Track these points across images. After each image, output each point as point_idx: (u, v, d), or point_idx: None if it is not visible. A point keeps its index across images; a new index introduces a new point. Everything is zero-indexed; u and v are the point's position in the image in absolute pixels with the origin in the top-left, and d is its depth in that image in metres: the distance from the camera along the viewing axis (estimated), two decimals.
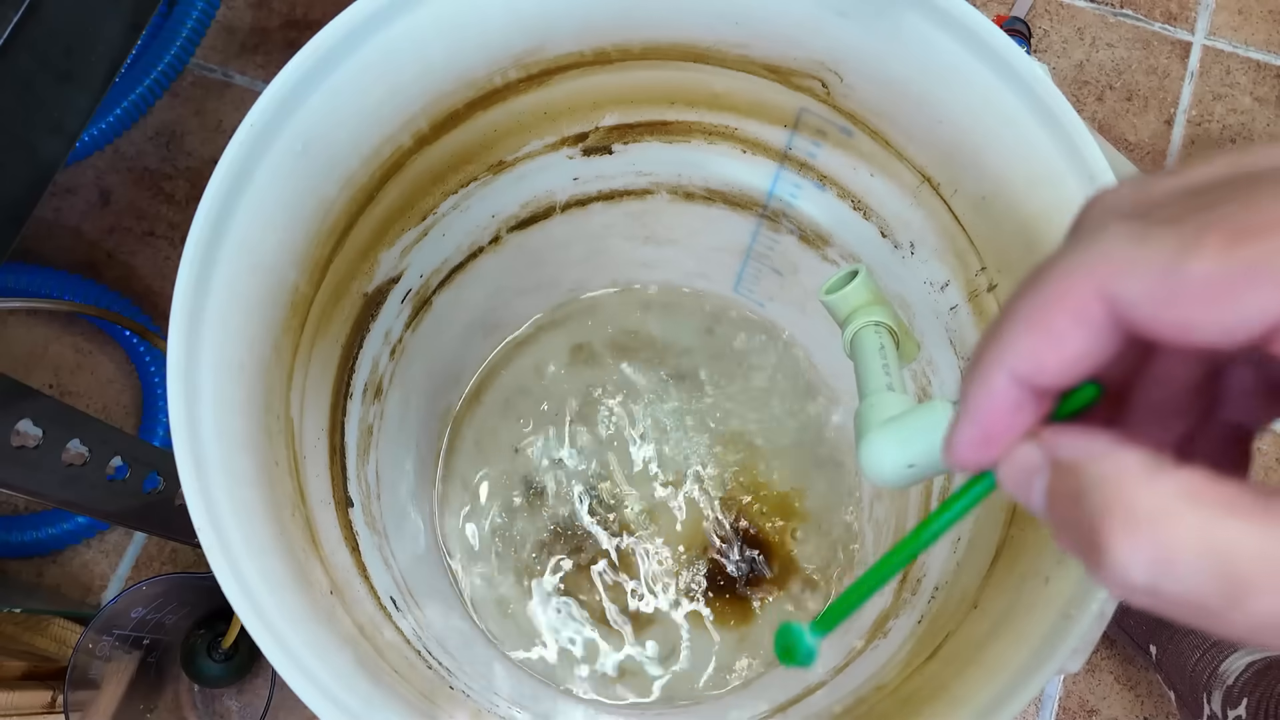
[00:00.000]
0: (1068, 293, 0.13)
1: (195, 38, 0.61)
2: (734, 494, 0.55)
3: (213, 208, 0.31)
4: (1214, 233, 0.11)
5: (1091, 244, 0.13)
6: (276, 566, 0.31)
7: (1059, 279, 0.13)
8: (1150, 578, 0.12)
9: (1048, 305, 0.13)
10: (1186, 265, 0.11)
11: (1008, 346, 0.13)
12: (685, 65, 0.40)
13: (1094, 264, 0.12)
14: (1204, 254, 0.11)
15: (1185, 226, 0.12)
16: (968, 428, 0.15)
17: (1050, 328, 0.13)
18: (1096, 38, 0.73)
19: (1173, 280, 0.12)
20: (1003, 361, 0.14)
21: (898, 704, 0.34)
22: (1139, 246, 0.12)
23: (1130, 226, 0.12)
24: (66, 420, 0.39)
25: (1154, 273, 0.12)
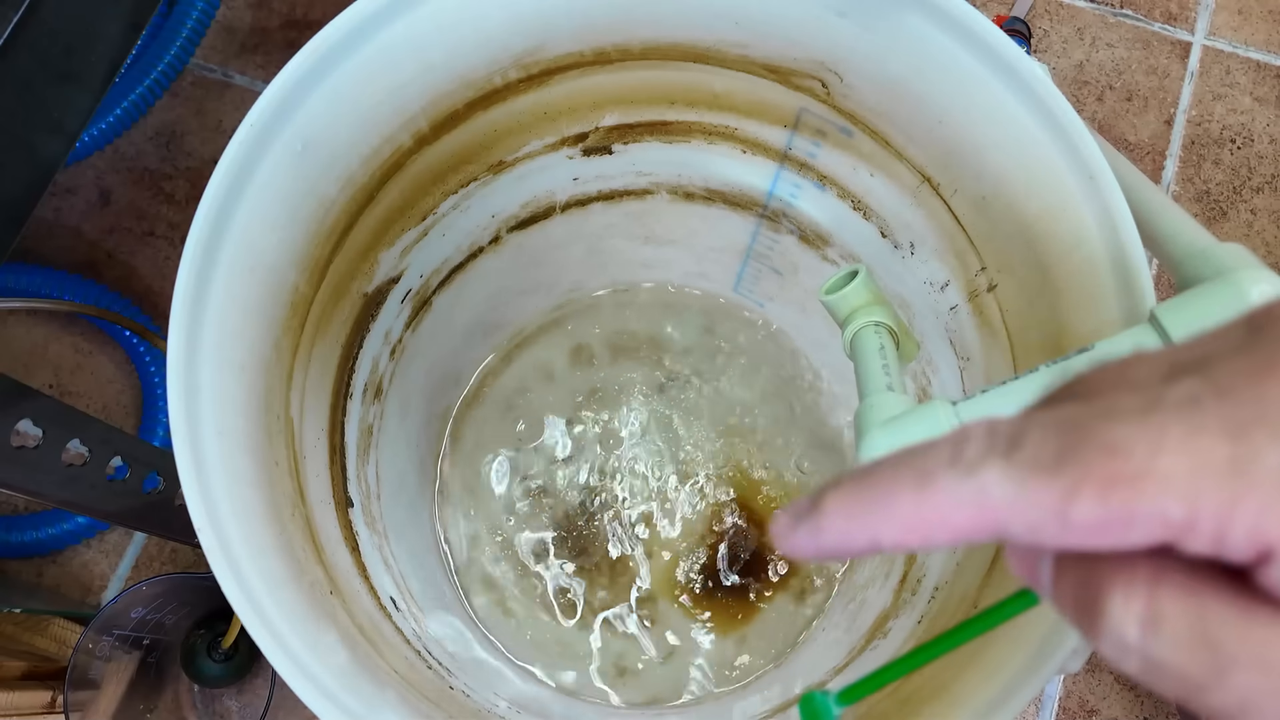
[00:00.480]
0: (954, 519, 0.14)
1: (195, 38, 0.61)
2: (734, 494, 0.55)
3: (212, 208, 0.31)
4: (1089, 485, 0.13)
5: (974, 473, 0.14)
6: (276, 566, 0.31)
7: (946, 502, 0.14)
8: (1141, 636, 0.13)
9: (931, 521, 0.14)
10: (1070, 514, 0.13)
11: (884, 527, 0.15)
12: (685, 65, 0.40)
13: (980, 499, 0.14)
14: (1084, 505, 0.13)
15: (1060, 479, 0.13)
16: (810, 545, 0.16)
17: (928, 536, 0.14)
18: (1096, 38, 0.73)
19: (1060, 523, 0.13)
20: (874, 532, 0.15)
21: (897, 704, 0.34)
22: (1019, 490, 0.13)
23: (1008, 469, 0.13)
24: (66, 420, 0.39)
25: (1041, 517, 0.13)
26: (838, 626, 0.50)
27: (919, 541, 0.15)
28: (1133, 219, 0.30)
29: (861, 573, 0.52)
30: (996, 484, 0.13)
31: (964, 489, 0.14)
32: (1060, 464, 0.13)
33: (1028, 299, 0.35)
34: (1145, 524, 0.13)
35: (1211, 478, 0.12)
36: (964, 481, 0.14)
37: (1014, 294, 0.36)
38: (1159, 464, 0.12)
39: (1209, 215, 0.69)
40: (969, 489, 0.14)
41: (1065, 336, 0.32)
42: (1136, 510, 0.12)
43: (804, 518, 0.16)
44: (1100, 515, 0.13)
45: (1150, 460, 0.12)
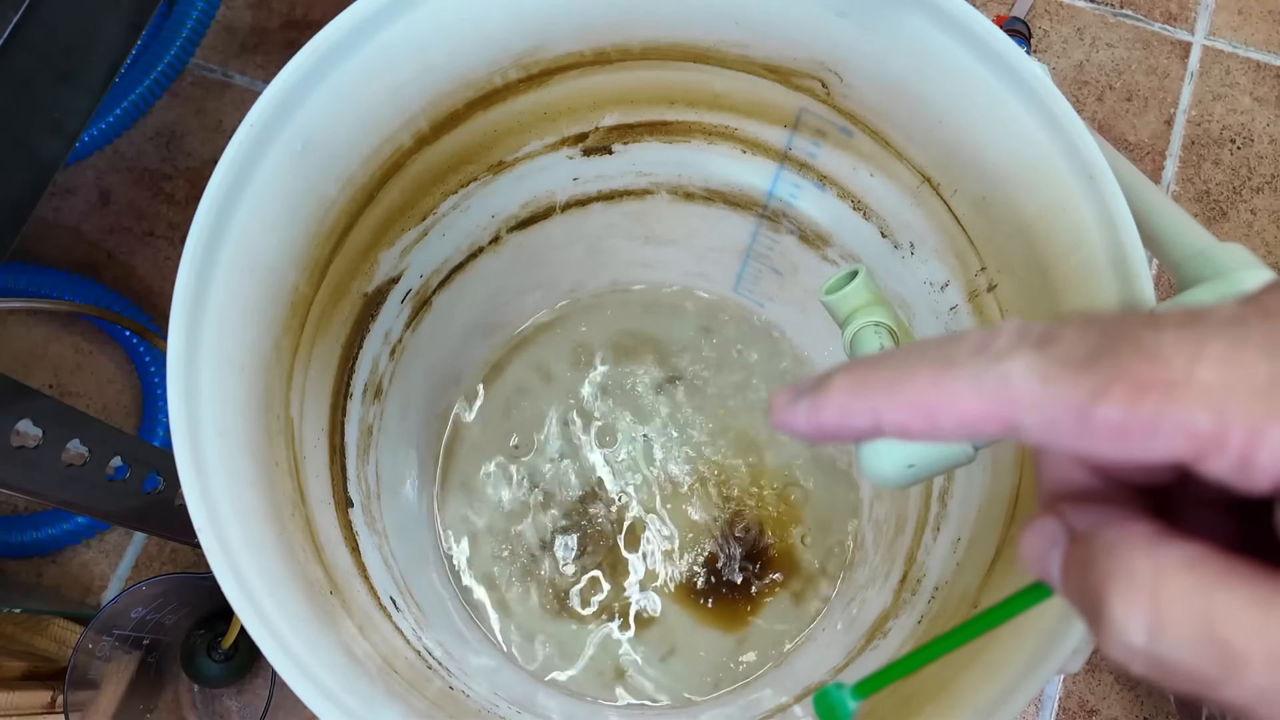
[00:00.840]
0: (967, 404, 0.14)
1: (195, 38, 0.61)
2: (734, 493, 0.55)
3: (212, 208, 0.31)
4: (1119, 386, 0.12)
5: (1000, 363, 0.13)
6: (276, 567, 0.31)
7: (964, 387, 0.14)
8: (1147, 641, 0.13)
9: (942, 403, 0.14)
10: (1094, 414, 0.12)
11: (889, 406, 0.14)
12: (685, 65, 0.40)
13: (1001, 388, 0.13)
14: (1111, 407, 0.12)
15: (1092, 376, 0.13)
16: (807, 421, 0.15)
17: (935, 420, 0.14)
18: (1096, 38, 0.73)
19: (1081, 423, 0.13)
20: (877, 411, 0.14)
21: (897, 704, 0.34)
22: (1046, 384, 0.13)
23: (1037, 362, 0.13)
24: (66, 420, 0.39)
25: (1062, 414, 0.13)
26: (837, 627, 0.50)
27: (922, 425, 0.14)
28: (1133, 219, 0.30)
29: (861, 573, 0.52)
30: (1022, 374, 0.13)
31: (986, 375, 0.13)
32: (1093, 362, 0.13)
33: (1028, 299, 0.35)
34: (1169, 435, 0.12)
35: (1247, 393, 0.12)
36: (988, 368, 0.13)
37: (1014, 294, 0.36)
38: (1196, 373, 0.12)
39: (1209, 215, 0.69)
40: (991, 375, 0.13)
41: None
42: (1164, 418, 0.12)
43: (806, 392, 0.15)
44: (1125, 419, 0.12)
45: (1188, 368, 0.12)
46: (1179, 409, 0.12)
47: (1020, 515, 0.35)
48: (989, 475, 0.39)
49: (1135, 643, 0.13)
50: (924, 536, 0.45)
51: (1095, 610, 0.13)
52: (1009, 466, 0.37)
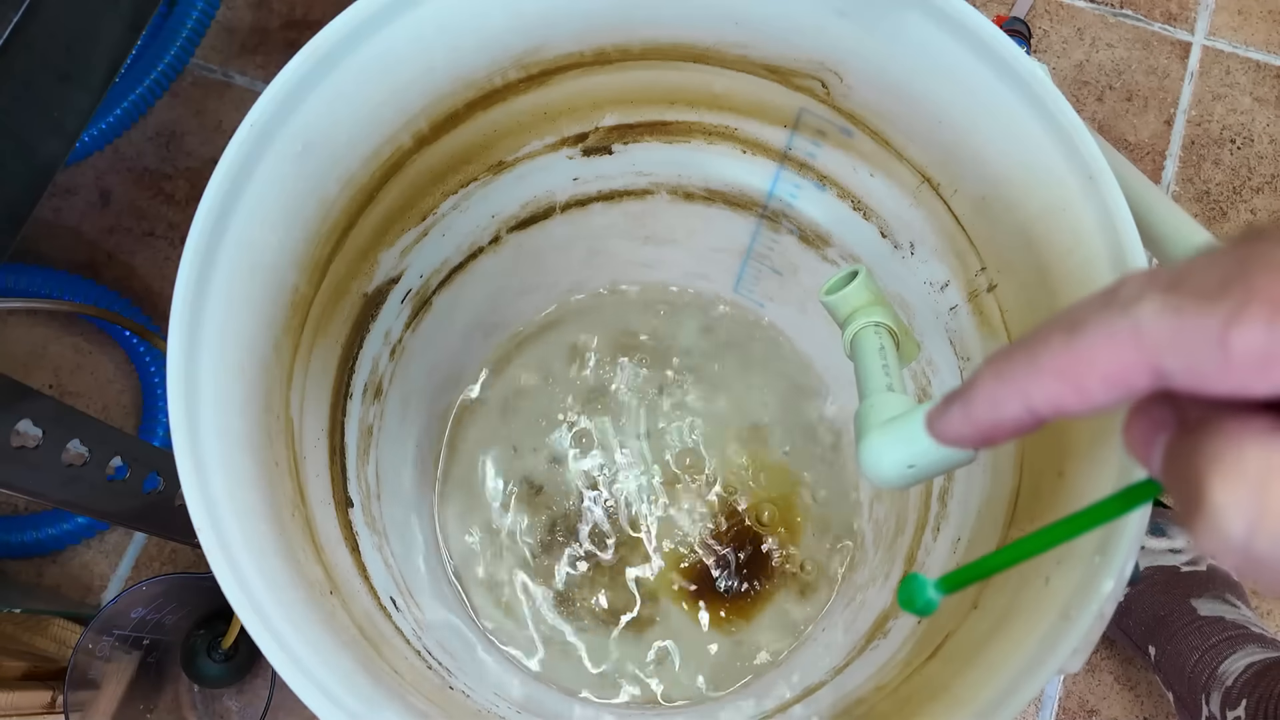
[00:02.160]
0: (1107, 360, 0.13)
1: (195, 38, 0.61)
2: (733, 493, 0.55)
3: (212, 208, 0.31)
4: (1255, 306, 0.11)
5: (1129, 310, 0.13)
6: (276, 567, 0.31)
7: (1099, 341, 0.13)
8: (1245, 532, 0.12)
9: (1081, 364, 0.13)
10: (1232, 340, 0.12)
11: (1033, 382, 0.14)
12: (685, 65, 0.40)
13: (1135, 335, 0.13)
14: (1249, 329, 0.11)
15: (1225, 301, 0.12)
16: (963, 423, 0.15)
17: (1081, 384, 0.13)
18: (1096, 38, 0.73)
19: (1221, 354, 0.12)
20: (1024, 392, 0.14)
21: (898, 704, 0.34)
22: (1179, 319, 0.12)
23: (1167, 299, 0.12)
24: (66, 420, 0.39)
25: (1201, 348, 0.12)
26: (837, 627, 0.50)
27: (1073, 395, 0.13)
28: (1133, 219, 0.30)
29: (861, 573, 0.52)
30: (1154, 316, 0.12)
31: (1119, 325, 0.13)
32: (1225, 288, 0.12)
33: (1028, 299, 0.35)
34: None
35: None
36: (1119, 318, 0.13)
37: (1014, 294, 0.36)
38: None
39: (1209, 215, 0.69)
40: (1124, 325, 0.13)
41: None
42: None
43: (956, 396, 0.15)
44: (1265, 343, 0.11)
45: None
46: None
47: (1020, 515, 0.35)
48: (989, 476, 0.39)
49: (1234, 534, 0.12)
50: (924, 536, 0.45)
51: (1195, 498, 0.12)
52: (1009, 467, 0.37)
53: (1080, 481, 0.30)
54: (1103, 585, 0.27)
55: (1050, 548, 0.17)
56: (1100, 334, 0.13)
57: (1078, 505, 0.29)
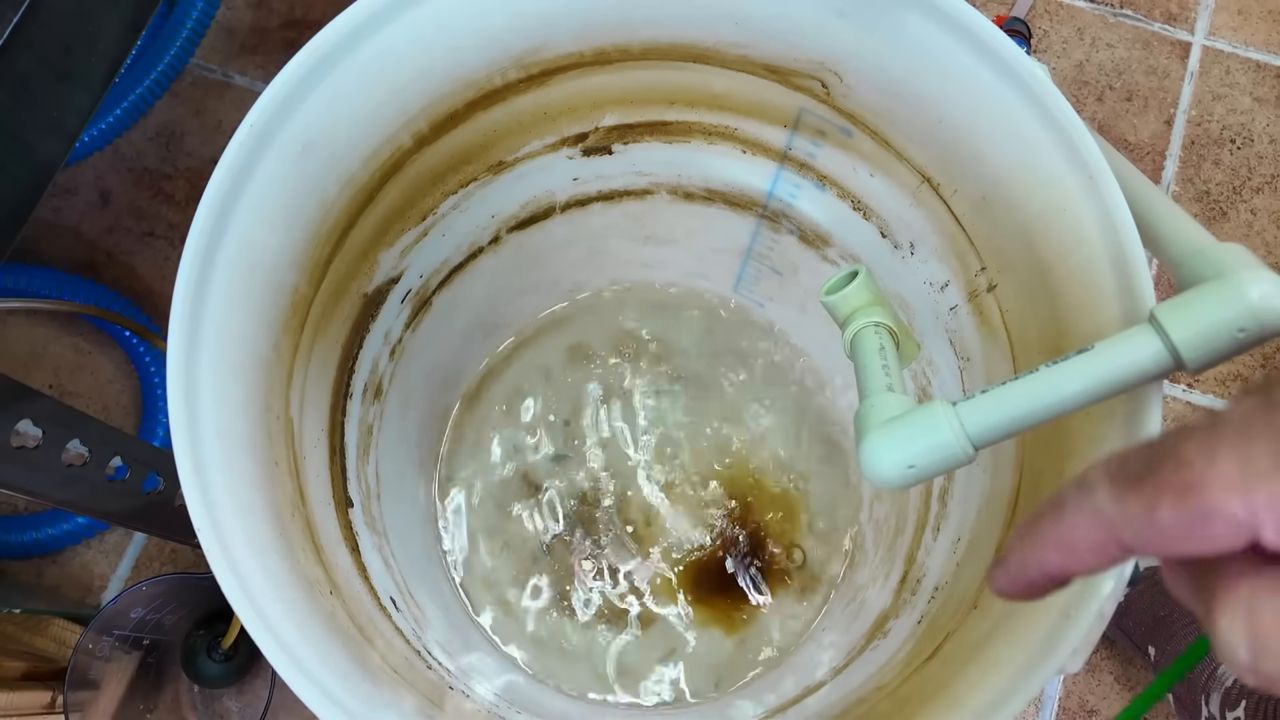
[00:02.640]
0: (1084, 536, 0.16)
1: (195, 38, 0.61)
2: (734, 494, 0.55)
3: (212, 208, 0.31)
4: (1166, 494, 0.15)
5: (1090, 496, 0.16)
6: (276, 567, 0.31)
7: (1076, 522, 0.16)
8: (1249, 657, 0.14)
9: (1069, 540, 0.17)
10: (1156, 520, 0.15)
11: (1043, 554, 0.17)
12: (685, 65, 0.40)
13: (1096, 517, 0.16)
14: (1164, 511, 0.15)
15: (1145, 491, 0.15)
16: (1008, 581, 0.19)
17: (1075, 554, 0.17)
18: (1096, 38, 0.73)
19: (1153, 529, 0.15)
20: (1039, 561, 0.18)
21: (897, 704, 0.34)
22: (1120, 506, 0.16)
23: (1111, 488, 0.16)
24: (66, 420, 0.39)
25: (1140, 525, 0.15)
26: (837, 627, 0.50)
27: (1074, 562, 0.17)
28: (1132, 219, 0.30)
29: (862, 573, 0.52)
30: (1105, 499, 0.16)
31: (1085, 509, 0.16)
32: (1144, 477, 0.15)
33: (1028, 299, 0.35)
34: (1220, 524, 0.14)
35: (1260, 476, 0.14)
36: (1085, 502, 0.16)
37: (1014, 294, 0.36)
38: (1215, 468, 0.14)
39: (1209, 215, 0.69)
40: (1089, 509, 0.16)
41: (1065, 336, 0.32)
42: (1205, 511, 0.14)
43: (998, 560, 0.19)
44: (1179, 519, 0.14)
45: (1208, 467, 0.14)
46: (1211, 500, 0.14)
47: (1019, 515, 0.35)
48: (989, 476, 0.39)
49: (1240, 658, 0.14)
50: (924, 537, 0.45)
51: (1209, 629, 0.15)
52: (1009, 467, 0.37)
53: None
54: (1103, 585, 0.27)
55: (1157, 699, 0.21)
56: (1075, 517, 0.16)
57: None
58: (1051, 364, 0.26)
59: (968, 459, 0.27)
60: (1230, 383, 0.65)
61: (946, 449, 0.27)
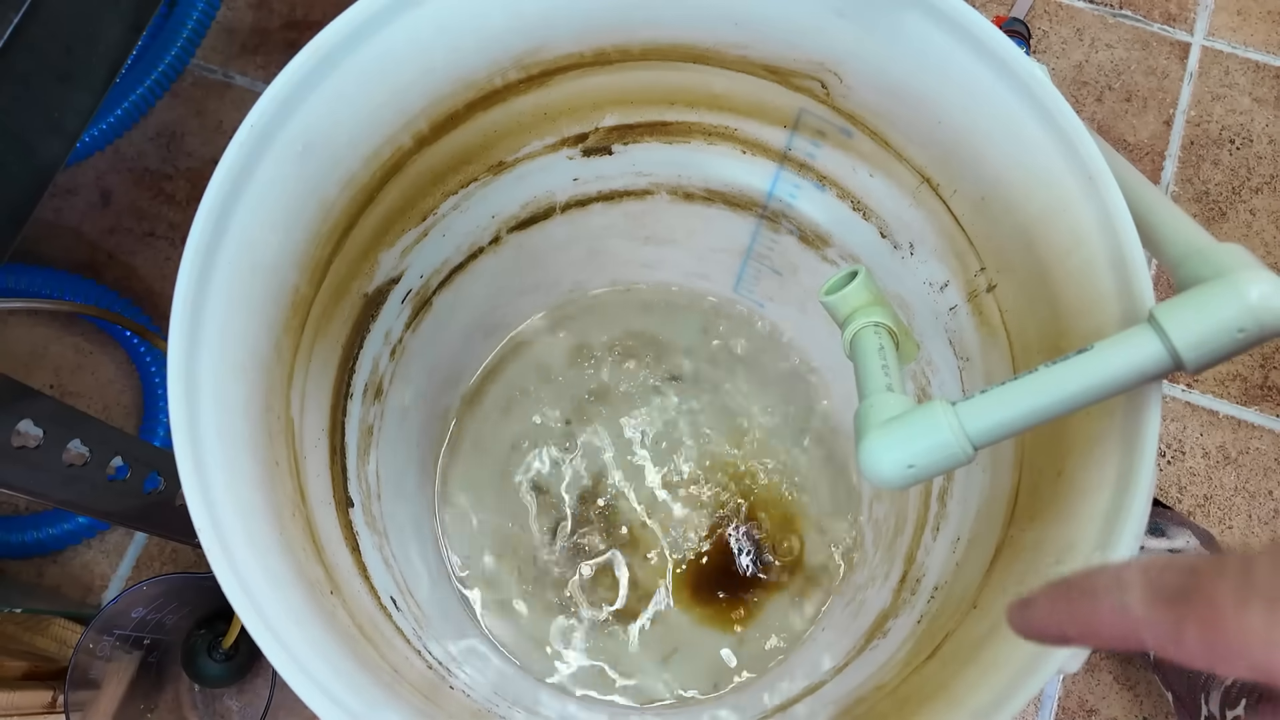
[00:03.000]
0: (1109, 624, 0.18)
1: (196, 38, 0.61)
2: (734, 494, 0.55)
3: (213, 208, 0.31)
4: (1193, 621, 0.16)
5: (1124, 593, 0.18)
6: (277, 566, 0.31)
7: (1103, 610, 0.18)
8: None
9: (1094, 623, 0.18)
10: (1181, 639, 0.16)
11: (1066, 627, 0.19)
12: (685, 66, 0.40)
13: (1124, 613, 0.18)
14: (1189, 636, 0.16)
15: (1175, 610, 0.17)
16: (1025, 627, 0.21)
17: (1097, 636, 0.19)
18: (1096, 38, 0.73)
19: (1177, 646, 0.17)
20: (1061, 630, 0.19)
21: (897, 704, 0.34)
22: (1150, 612, 0.17)
23: (1145, 594, 0.17)
24: (67, 420, 0.39)
25: (1164, 636, 0.17)
26: (837, 627, 0.50)
27: (1092, 638, 0.19)
28: (1132, 219, 0.30)
29: (861, 572, 0.52)
30: (1137, 604, 0.17)
31: (1115, 603, 0.18)
32: (1179, 599, 0.17)
33: (1027, 299, 0.35)
34: (1236, 660, 0.16)
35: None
36: (1116, 597, 0.18)
37: (1013, 294, 0.36)
38: (1244, 620, 0.16)
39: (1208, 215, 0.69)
40: (1118, 604, 0.18)
41: (1065, 337, 0.32)
42: (1226, 649, 0.16)
43: (1023, 604, 0.21)
44: (1201, 645, 0.16)
45: (1239, 615, 0.16)
46: (1236, 643, 0.16)
47: (1020, 514, 0.35)
48: (988, 475, 0.39)
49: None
50: (923, 536, 0.45)
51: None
52: (1008, 467, 0.37)
53: (1079, 481, 0.30)
54: None
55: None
56: (1105, 607, 0.18)
57: (1077, 504, 0.30)
58: (1051, 364, 0.26)
59: (967, 459, 0.27)
60: (1230, 383, 0.65)
61: (946, 449, 0.27)
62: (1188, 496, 0.63)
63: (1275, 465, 0.63)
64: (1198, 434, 0.63)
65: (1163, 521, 0.58)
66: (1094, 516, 0.28)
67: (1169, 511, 0.60)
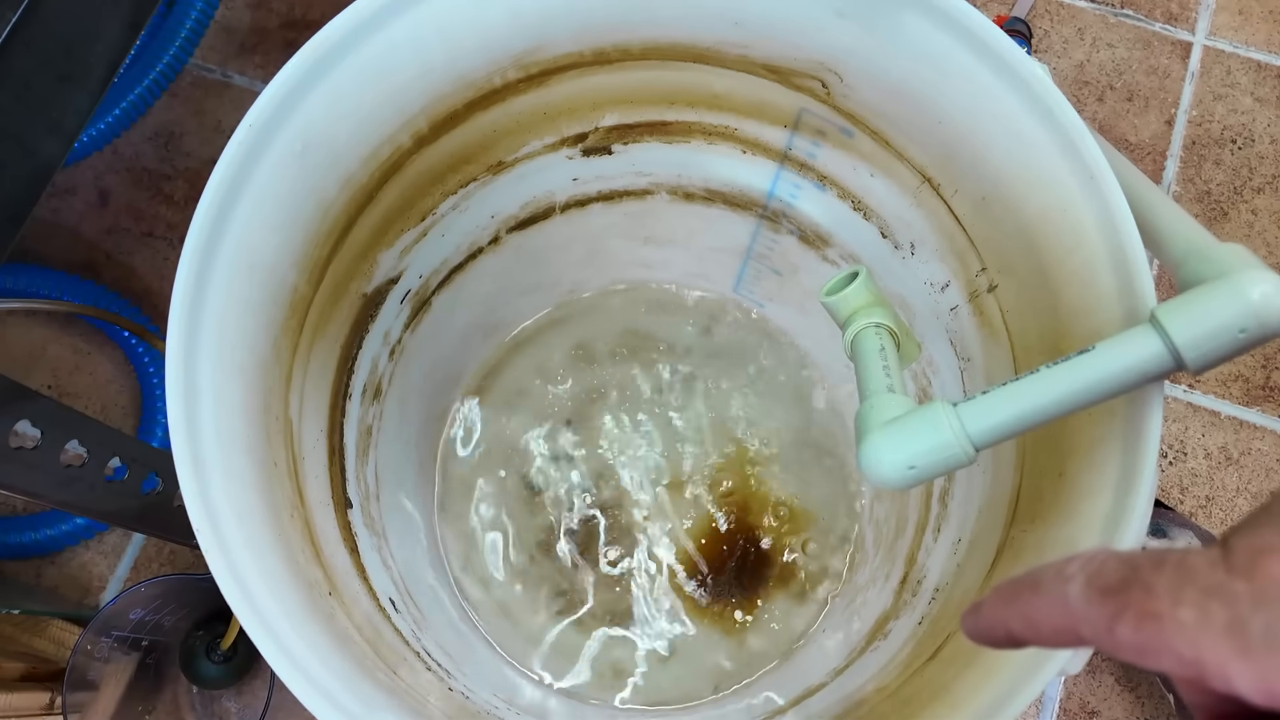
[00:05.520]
0: (1048, 618, 0.18)
1: (194, 38, 0.61)
2: (734, 494, 0.55)
3: (211, 208, 0.31)
4: (1128, 612, 0.16)
5: (1065, 586, 0.18)
6: (275, 568, 0.31)
7: (1044, 603, 0.18)
8: None
9: (1035, 616, 0.18)
10: (1115, 632, 0.16)
11: (1010, 623, 0.19)
12: (685, 65, 0.40)
13: (1064, 606, 0.17)
14: (1123, 628, 0.16)
15: (1111, 602, 0.16)
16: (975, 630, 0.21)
17: (1038, 631, 0.18)
18: (1097, 38, 0.73)
19: (1109, 638, 0.16)
20: (1006, 627, 0.19)
21: (898, 705, 0.34)
22: (1086, 606, 0.17)
23: (1086, 588, 0.17)
24: (65, 421, 0.39)
25: (1100, 630, 0.17)
26: (838, 628, 0.50)
27: (1033, 634, 0.18)
28: (1133, 219, 0.30)
29: (862, 574, 0.52)
30: (1076, 597, 0.17)
31: (1056, 595, 0.18)
32: (1117, 591, 0.16)
33: (1028, 299, 0.35)
34: (1169, 656, 0.15)
35: (1210, 632, 0.15)
36: (1058, 589, 0.18)
37: (1014, 294, 0.36)
38: (1178, 613, 0.15)
39: (1210, 215, 0.69)
40: (1059, 596, 0.18)
41: (1066, 337, 0.32)
42: (1159, 643, 0.15)
43: (974, 606, 0.21)
44: (1134, 640, 0.16)
45: (1171, 606, 0.15)
46: (1167, 638, 0.15)
47: (1020, 516, 0.34)
48: (989, 477, 0.39)
49: None
50: (924, 538, 0.45)
51: None
52: (1009, 468, 0.36)
53: (1080, 482, 0.30)
54: None
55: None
56: (1046, 599, 0.18)
57: (1079, 506, 0.29)
58: (1052, 364, 0.26)
59: (968, 460, 0.27)
60: (1231, 383, 0.65)
61: (947, 450, 0.26)
62: (1189, 497, 0.62)
63: (1277, 466, 0.63)
64: (1199, 435, 0.63)
65: (1164, 523, 0.58)
66: (1096, 518, 0.28)
67: (1171, 513, 0.60)
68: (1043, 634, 0.18)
